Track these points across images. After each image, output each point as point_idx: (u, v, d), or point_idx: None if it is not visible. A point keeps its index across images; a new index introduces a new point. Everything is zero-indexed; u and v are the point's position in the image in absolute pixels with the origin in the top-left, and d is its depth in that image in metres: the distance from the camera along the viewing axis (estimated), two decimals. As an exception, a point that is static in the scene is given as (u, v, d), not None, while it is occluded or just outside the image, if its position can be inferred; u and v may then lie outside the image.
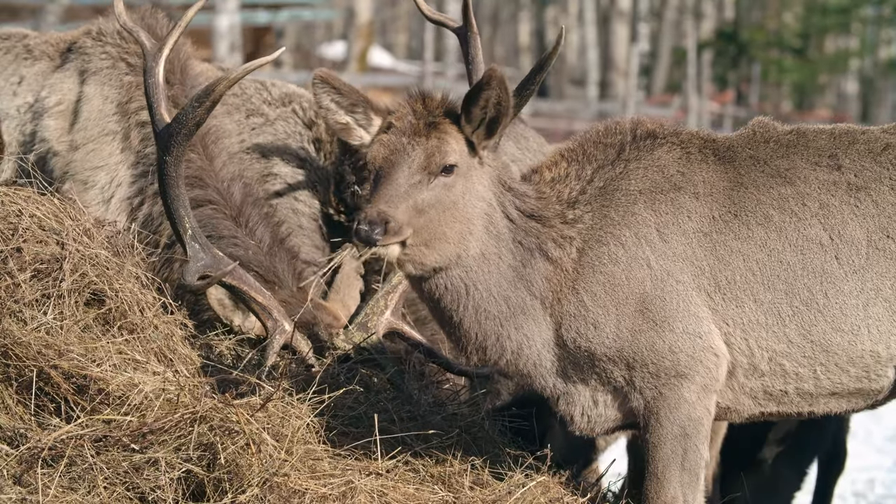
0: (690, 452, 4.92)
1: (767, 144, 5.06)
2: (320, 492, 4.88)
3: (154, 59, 5.56)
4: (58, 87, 6.60)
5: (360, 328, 5.81)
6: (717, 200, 4.97)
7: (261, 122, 6.75)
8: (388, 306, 5.83)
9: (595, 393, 5.00)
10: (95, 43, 6.59)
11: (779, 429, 6.80)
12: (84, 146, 6.44)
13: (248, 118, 6.75)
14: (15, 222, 5.25)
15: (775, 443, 6.85)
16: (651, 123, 5.11)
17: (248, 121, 6.75)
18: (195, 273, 5.45)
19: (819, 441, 7.20)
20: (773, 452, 6.87)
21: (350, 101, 4.97)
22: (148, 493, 4.85)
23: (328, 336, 5.79)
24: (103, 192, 6.37)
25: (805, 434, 7.02)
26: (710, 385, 4.92)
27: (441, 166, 4.79)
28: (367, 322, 5.82)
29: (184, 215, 5.45)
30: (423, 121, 4.83)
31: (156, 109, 5.48)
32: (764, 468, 6.87)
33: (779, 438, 6.86)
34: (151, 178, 6.26)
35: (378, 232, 4.66)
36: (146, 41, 5.58)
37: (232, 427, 4.86)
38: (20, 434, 4.93)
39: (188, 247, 5.45)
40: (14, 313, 5.09)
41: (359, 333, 5.77)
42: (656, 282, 4.89)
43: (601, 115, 31.21)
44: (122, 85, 6.47)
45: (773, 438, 6.85)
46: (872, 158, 5.01)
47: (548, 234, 4.94)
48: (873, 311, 4.91)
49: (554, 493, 5.15)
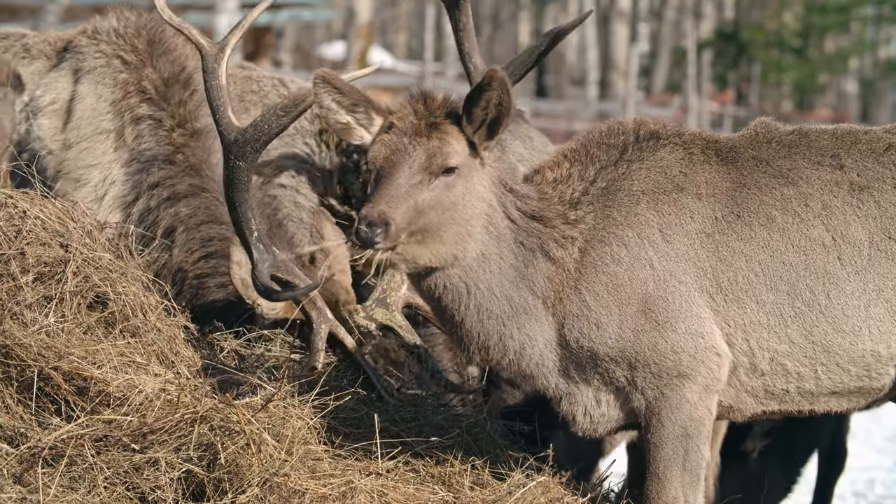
0: (692, 453, 4.92)
1: (770, 145, 5.06)
2: (320, 492, 4.88)
3: (215, 60, 5.38)
4: (52, 87, 6.60)
5: (380, 304, 5.77)
6: (719, 201, 4.97)
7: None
8: (405, 280, 5.78)
9: (597, 393, 4.99)
10: (90, 42, 6.58)
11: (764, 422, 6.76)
12: (77, 145, 6.44)
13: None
14: (19, 224, 5.24)
15: (760, 436, 6.82)
16: (654, 124, 5.10)
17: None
18: (265, 275, 5.38)
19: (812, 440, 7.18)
20: (758, 445, 6.84)
21: (351, 100, 4.96)
22: (148, 492, 4.84)
23: (347, 314, 5.76)
24: (96, 190, 6.37)
25: (795, 431, 7.00)
26: (711, 385, 4.92)
27: (442, 167, 4.79)
28: (386, 298, 5.78)
29: (251, 218, 5.36)
30: (425, 121, 4.82)
31: (223, 113, 5.33)
32: (749, 461, 6.84)
33: (764, 431, 6.83)
34: (148, 173, 6.24)
35: (379, 234, 4.65)
36: (203, 41, 5.40)
37: (232, 427, 4.86)
38: (20, 433, 4.93)
39: (254, 248, 5.36)
40: (16, 315, 5.08)
41: (380, 310, 5.74)
42: (659, 282, 4.89)
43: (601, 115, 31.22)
44: (117, 83, 6.45)
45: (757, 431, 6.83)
46: (875, 159, 5.01)
47: (549, 235, 4.94)
48: (874, 312, 4.91)
49: (554, 494, 5.15)
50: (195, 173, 6.14)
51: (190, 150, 6.20)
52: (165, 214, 6.13)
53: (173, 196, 6.15)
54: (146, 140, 6.29)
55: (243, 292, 5.71)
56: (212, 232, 6.07)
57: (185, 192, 6.15)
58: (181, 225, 6.11)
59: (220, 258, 5.98)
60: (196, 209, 6.12)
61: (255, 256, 5.37)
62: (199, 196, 6.10)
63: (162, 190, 6.18)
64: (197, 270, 6.05)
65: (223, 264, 5.90)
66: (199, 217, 6.11)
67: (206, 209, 6.10)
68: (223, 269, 5.91)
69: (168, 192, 6.17)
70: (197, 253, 6.06)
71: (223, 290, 5.96)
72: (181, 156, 6.22)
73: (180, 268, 6.06)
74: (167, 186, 6.17)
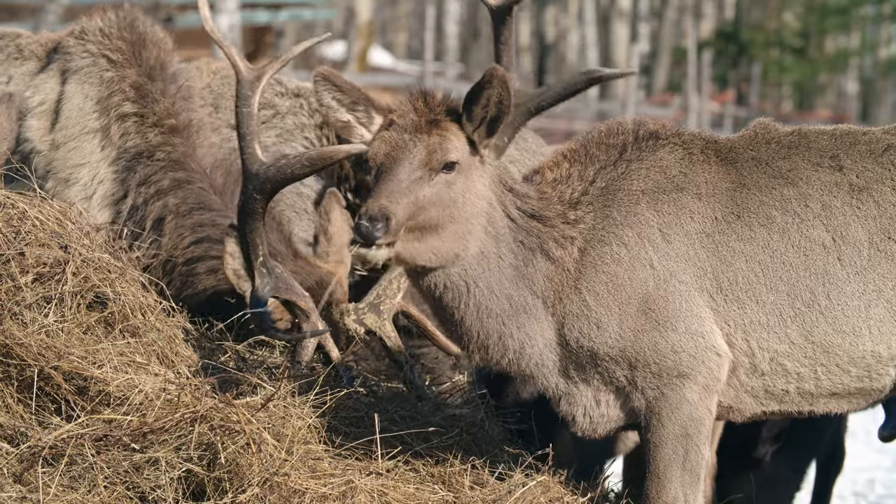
0: (692, 452, 4.92)
1: (769, 145, 5.06)
2: (320, 491, 4.88)
3: (250, 88, 5.30)
4: (41, 87, 6.63)
5: (372, 309, 5.78)
6: (719, 201, 4.97)
7: (270, 114, 6.81)
8: (401, 289, 5.81)
9: (597, 393, 5.00)
10: (77, 42, 6.62)
11: (772, 426, 6.79)
12: (65, 144, 6.47)
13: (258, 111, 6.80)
14: (17, 225, 5.25)
15: (769, 440, 6.83)
16: (653, 124, 5.11)
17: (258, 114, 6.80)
18: (265, 299, 5.41)
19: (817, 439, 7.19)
20: (769, 449, 6.85)
21: (351, 99, 4.96)
22: (148, 492, 4.85)
23: (338, 315, 5.77)
24: (85, 189, 6.39)
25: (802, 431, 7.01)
26: (711, 385, 4.92)
27: (442, 163, 4.79)
28: (380, 304, 5.80)
29: (259, 244, 5.38)
30: (425, 118, 4.83)
31: (248, 142, 5.28)
32: (763, 467, 6.86)
33: (773, 436, 6.84)
34: (134, 171, 6.27)
35: (380, 228, 4.66)
36: (242, 66, 5.32)
37: (232, 427, 4.86)
38: (21, 433, 4.93)
39: (257, 272, 5.40)
40: (15, 315, 5.09)
41: (371, 315, 5.75)
42: (659, 282, 4.89)
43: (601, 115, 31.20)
44: (103, 81, 6.48)
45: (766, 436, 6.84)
46: (874, 159, 5.01)
47: (549, 234, 4.94)
48: (875, 312, 4.91)
49: (554, 493, 5.15)
50: (180, 167, 6.18)
51: (173, 146, 6.24)
52: (154, 208, 6.17)
53: (161, 191, 6.19)
54: (132, 137, 6.33)
55: (235, 283, 5.73)
56: (203, 218, 6.10)
57: (171, 186, 6.19)
58: (170, 214, 6.15)
59: (211, 242, 6.01)
60: (184, 199, 6.16)
61: (256, 281, 5.40)
62: (186, 187, 6.14)
63: (149, 187, 6.22)
64: (187, 255, 6.08)
65: (214, 248, 5.94)
66: (188, 205, 6.15)
67: (196, 197, 6.14)
68: (214, 252, 5.94)
69: (155, 188, 6.21)
70: (188, 238, 6.10)
71: (213, 275, 5.99)
72: (165, 152, 6.26)
73: (170, 255, 6.09)
74: (154, 183, 6.21)
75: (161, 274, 5.95)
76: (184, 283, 6.05)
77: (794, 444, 6.97)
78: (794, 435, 6.96)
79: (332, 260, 6.05)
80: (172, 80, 6.45)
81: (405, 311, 5.85)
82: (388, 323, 5.80)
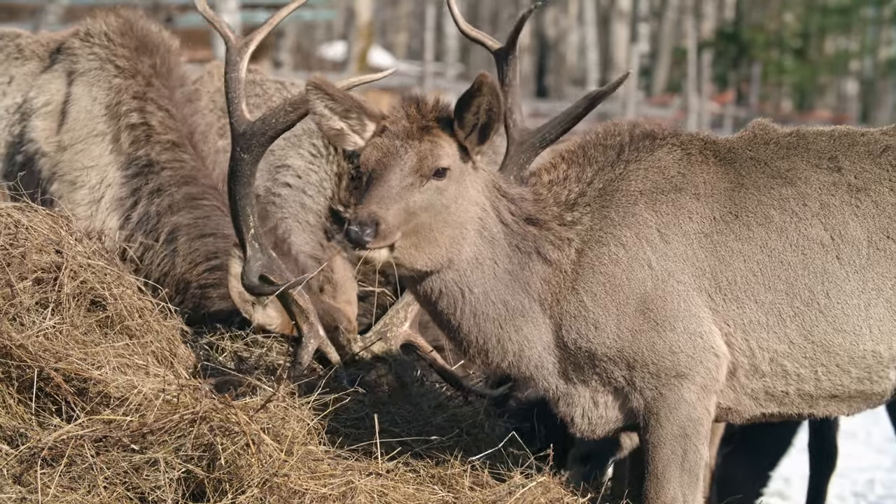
0: (690, 453, 4.93)
1: (768, 146, 5.07)
2: (320, 492, 4.88)
3: (238, 54, 5.50)
4: (46, 88, 6.63)
5: (380, 337, 5.84)
6: (717, 201, 4.97)
7: None
8: (408, 318, 5.86)
9: (595, 394, 5.00)
10: (83, 44, 6.62)
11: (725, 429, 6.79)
12: (72, 146, 6.46)
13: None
14: (13, 232, 5.25)
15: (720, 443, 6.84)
16: (649, 124, 5.11)
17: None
18: (255, 273, 5.43)
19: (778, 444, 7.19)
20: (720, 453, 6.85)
21: (344, 106, 4.95)
22: (148, 493, 4.85)
23: (346, 341, 5.81)
24: (93, 192, 6.39)
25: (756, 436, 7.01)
26: (709, 385, 4.92)
27: (433, 169, 4.79)
28: (386, 332, 5.85)
29: (249, 214, 5.41)
30: (417, 124, 4.83)
31: (236, 105, 5.44)
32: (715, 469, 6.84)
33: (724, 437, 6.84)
34: (146, 179, 6.27)
35: (369, 233, 4.66)
36: (230, 34, 5.52)
37: (232, 427, 4.86)
38: (20, 433, 4.94)
39: (248, 246, 5.43)
40: (14, 317, 5.09)
41: (378, 343, 5.81)
42: (657, 282, 4.89)
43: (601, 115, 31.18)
44: (111, 87, 6.49)
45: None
46: (872, 160, 5.02)
47: (545, 237, 4.94)
48: (874, 312, 4.91)
49: (554, 494, 5.15)
50: (192, 182, 6.17)
51: (183, 161, 6.23)
52: (167, 222, 6.17)
53: (174, 205, 6.19)
54: (143, 146, 6.33)
55: (241, 306, 5.76)
56: (217, 245, 6.11)
57: (184, 202, 6.19)
58: (183, 235, 6.16)
59: (223, 271, 6.02)
60: (197, 219, 6.16)
61: (248, 253, 5.41)
62: (199, 206, 6.13)
63: (162, 198, 6.22)
64: (201, 280, 6.11)
65: (227, 277, 5.94)
66: (200, 228, 6.15)
67: (207, 219, 6.13)
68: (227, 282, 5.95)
69: (168, 201, 6.21)
70: (202, 266, 6.12)
71: (226, 301, 6.00)
72: (176, 165, 6.26)
73: (183, 277, 6.10)
74: (168, 194, 6.21)
75: (175, 292, 5.95)
76: (197, 305, 6.06)
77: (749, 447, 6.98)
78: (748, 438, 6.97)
79: (341, 301, 6.08)
80: (179, 85, 6.45)
81: (412, 340, 5.90)
82: (395, 350, 5.85)
